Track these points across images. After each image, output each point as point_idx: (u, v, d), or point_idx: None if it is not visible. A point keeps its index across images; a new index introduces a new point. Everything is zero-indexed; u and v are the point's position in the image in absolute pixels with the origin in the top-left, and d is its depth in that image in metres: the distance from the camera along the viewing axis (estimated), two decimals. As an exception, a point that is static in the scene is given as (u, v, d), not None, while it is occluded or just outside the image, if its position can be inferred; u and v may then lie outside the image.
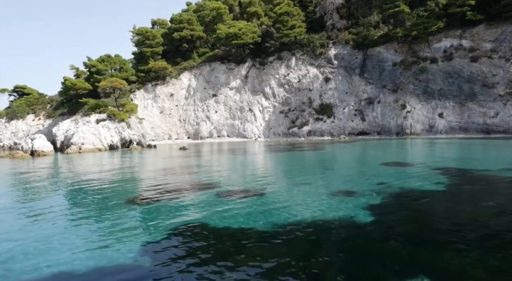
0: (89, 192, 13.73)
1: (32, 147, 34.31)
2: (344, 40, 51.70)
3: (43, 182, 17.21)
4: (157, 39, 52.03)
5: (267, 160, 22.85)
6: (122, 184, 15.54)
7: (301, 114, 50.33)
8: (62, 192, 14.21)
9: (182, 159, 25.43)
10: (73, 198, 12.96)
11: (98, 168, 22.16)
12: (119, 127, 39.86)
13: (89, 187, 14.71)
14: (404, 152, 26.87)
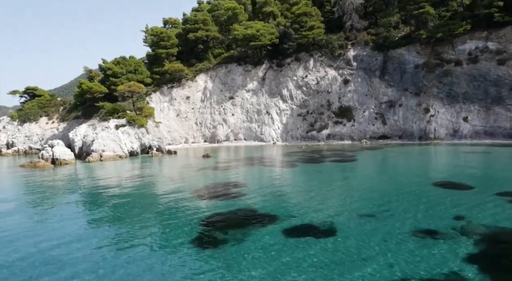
0: (152, 226, 12.93)
1: (53, 155, 33.56)
2: (363, 41, 50.56)
3: (90, 206, 16.41)
4: (172, 40, 50.95)
5: (305, 177, 21.96)
6: (168, 217, 14.73)
7: (319, 117, 49.40)
8: (126, 221, 13.40)
9: (211, 173, 24.59)
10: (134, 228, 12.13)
11: (129, 185, 21.33)
12: (139, 133, 39.04)
13: (147, 224, 13.91)
14: (446, 163, 25.98)
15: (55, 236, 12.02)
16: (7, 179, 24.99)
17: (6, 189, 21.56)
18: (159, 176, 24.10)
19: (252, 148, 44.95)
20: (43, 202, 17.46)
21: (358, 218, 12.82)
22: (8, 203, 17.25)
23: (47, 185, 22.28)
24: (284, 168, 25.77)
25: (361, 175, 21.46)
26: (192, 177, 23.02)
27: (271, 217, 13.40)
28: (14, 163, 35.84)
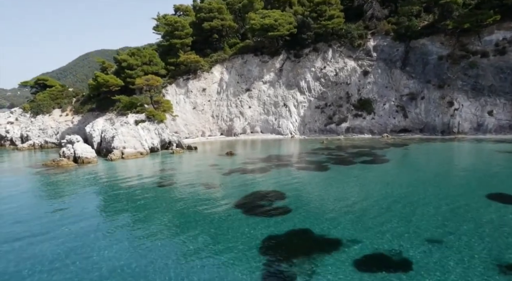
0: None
1: (75, 153, 32.95)
2: (383, 30, 48.97)
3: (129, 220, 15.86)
4: (186, 30, 49.38)
5: (345, 185, 21.23)
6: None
7: (338, 109, 48.40)
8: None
9: (243, 178, 23.91)
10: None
11: (165, 195, 20.77)
12: (159, 129, 38.29)
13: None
14: (487, 165, 25.23)
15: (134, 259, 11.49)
16: (42, 184, 24.32)
17: (50, 198, 20.96)
18: (191, 182, 23.39)
19: (270, 142, 44.26)
20: (94, 214, 16.92)
21: (426, 245, 12.24)
22: (66, 212, 16.73)
23: (84, 193, 21.73)
24: (317, 171, 25.11)
25: (403, 183, 20.77)
26: (226, 184, 22.36)
27: (332, 242, 12.84)
28: (34, 160, 35.27)
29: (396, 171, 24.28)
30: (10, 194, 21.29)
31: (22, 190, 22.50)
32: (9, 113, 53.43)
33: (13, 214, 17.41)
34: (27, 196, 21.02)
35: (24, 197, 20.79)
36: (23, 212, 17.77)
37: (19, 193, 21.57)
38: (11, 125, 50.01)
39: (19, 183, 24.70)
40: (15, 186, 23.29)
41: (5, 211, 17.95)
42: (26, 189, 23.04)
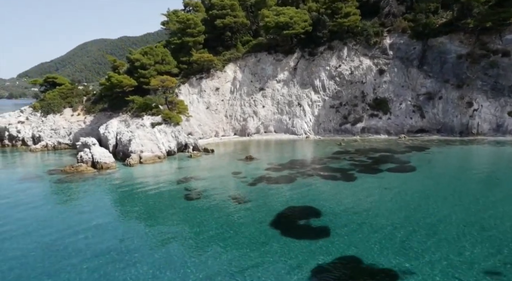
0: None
1: (93, 157, 32.50)
2: (400, 28, 48.00)
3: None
4: (199, 27, 48.39)
5: (378, 199, 20.68)
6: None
7: (353, 109, 47.73)
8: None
9: (271, 189, 23.48)
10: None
11: (192, 214, 20.37)
12: (175, 131, 37.76)
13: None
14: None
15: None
16: (68, 195, 23.85)
17: (80, 212, 20.46)
18: (219, 194, 22.85)
19: (286, 143, 43.78)
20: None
21: (484, 278, 11.80)
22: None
23: (114, 207, 21.34)
24: (345, 181, 24.65)
25: (439, 198, 20.30)
26: (255, 197, 21.84)
27: (384, 274, 12.40)
28: (51, 164, 34.78)
29: (427, 182, 23.77)
30: (38, 210, 20.80)
31: (49, 204, 22.04)
32: (19, 112, 52.76)
33: (47, 236, 17.05)
34: (57, 210, 20.60)
35: (54, 212, 20.36)
36: (54, 231, 17.39)
37: (48, 208, 21.15)
38: (22, 125, 49.41)
39: (44, 194, 24.24)
40: (42, 200, 22.72)
41: (37, 231, 17.57)
42: (53, 201, 22.65)
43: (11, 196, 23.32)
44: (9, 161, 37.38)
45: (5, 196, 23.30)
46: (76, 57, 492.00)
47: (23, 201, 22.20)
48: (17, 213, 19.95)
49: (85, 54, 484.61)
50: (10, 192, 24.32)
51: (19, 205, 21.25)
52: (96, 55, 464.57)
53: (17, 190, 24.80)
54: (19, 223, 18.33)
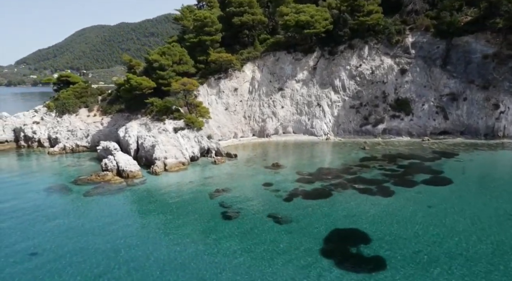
0: None
1: (118, 165, 32.00)
2: (423, 26, 46.76)
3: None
4: (216, 26, 47.16)
5: (428, 222, 19.82)
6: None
7: (374, 109, 46.89)
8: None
9: (310, 205, 22.98)
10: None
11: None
12: (198, 136, 37.16)
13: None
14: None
15: None
16: (103, 211, 23.33)
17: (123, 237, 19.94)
18: (255, 212, 22.24)
19: (307, 144, 43.23)
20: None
21: None
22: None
23: (153, 227, 20.89)
24: (382, 196, 24.16)
25: (492, 221, 19.67)
26: (294, 216, 21.33)
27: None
28: (73, 171, 34.30)
29: (469, 199, 23.04)
30: (74, 232, 20.34)
31: (84, 225, 21.51)
32: (34, 112, 52.11)
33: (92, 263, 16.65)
34: (95, 235, 20.16)
35: (93, 238, 19.92)
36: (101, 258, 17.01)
37: (84, 230, 20.71)
38: (37, 125, 48.83)
39: (76, 211, 23.67)
40: (76, 219, 22.22)
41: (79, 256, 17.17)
42: (88, 219, 22.18)
43: (42, 214, 22.70)
44: (30, 166, 36.89)
45: (36, 214, 22.71)
46: (74, 44, 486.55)
47: (57, 221, 21.71)
48: (54, 238, 19.42)
49: (83, 41, 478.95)
50: (41, 208, 23.79)
51: (54, 228, 20.63)
52: (95, 42, 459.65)
53: (48, 206, 24.24)
54: (59, 251, 17.87)
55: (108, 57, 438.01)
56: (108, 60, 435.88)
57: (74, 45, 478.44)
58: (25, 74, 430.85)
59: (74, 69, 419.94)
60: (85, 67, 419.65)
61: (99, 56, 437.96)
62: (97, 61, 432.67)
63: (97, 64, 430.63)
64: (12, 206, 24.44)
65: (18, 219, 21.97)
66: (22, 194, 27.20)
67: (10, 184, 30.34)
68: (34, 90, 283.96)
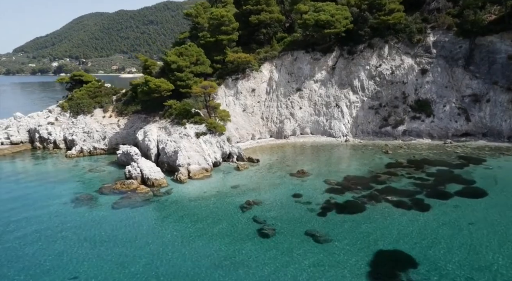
0: None
1: (142, 173, 31.64)
2: (445, 25, 45.64)
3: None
4: (233, 24, 46.14)
5: (477, 244, 18.85)
6: None
7: (393, 110, 46.16)
8: None
9: (344, 221, 22.64)
10: None
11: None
12: (220, 141, 36.67)
13: None
14: None
15: None
16: (134, 227, 23.02)
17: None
18: (291, 229, 22.09)
19: (327, 147, 42.72)
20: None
21: None
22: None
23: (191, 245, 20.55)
24: (419, 210, 23.77)
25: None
26: (336, 234, 21.06)
27: None
28: (95, 177, 33.96)
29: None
30: (110, 253, 20.09)
31: (118, 240, 21.32)
32: (48, 112, 51.63)
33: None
34: (132, 258, 19.89)
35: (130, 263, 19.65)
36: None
37: (122, 249, 20.44)
38: (52, 126, 48.43)
39: (107, 225, 23.44)
40: (109, 236, 21.99)
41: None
42: (121, 236, 21.91)
43: (73, 231, 22.34)
44: (50, 172, 36.54)
45: (67, 232, 22.34)
46: (73, 32, 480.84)
47: (90, 239, 21.42)
48: (90, 259, 19.19)
49: (81, 29, 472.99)
50: (71, 224, 23.47)
51: (89, 248, 20.39)
52: (93, 30, 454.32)
53: (78, 222, 23.86)
54: (100, 276, 17.62)
55: (107, 46, 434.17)
56: (107, 48, 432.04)
57: (72, 33, 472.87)
58: (24, 63, 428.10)
59: (73, 57, 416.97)
60: (84, 56, 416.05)
61: (98, 45, 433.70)
62: (95, 49, 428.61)
63: (96, 53, 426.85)
64: (40, 221, 24.07)
65: (49, 238, 21.59)
66: (48, 206, 26.84)
67: (33, 194, 30.00)
68: (33, 80, 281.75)
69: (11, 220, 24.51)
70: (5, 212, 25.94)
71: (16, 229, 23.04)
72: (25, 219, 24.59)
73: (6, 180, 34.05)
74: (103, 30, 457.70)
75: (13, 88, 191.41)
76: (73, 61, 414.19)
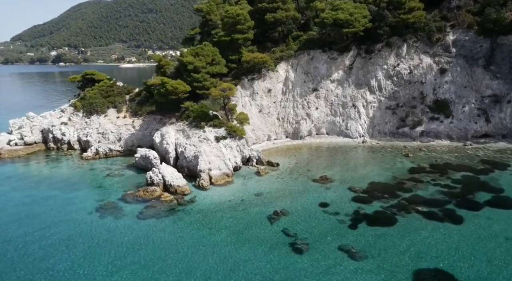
0: None
1: (164, 179, 31.34)
2: (466, 23, 44.69)
3: None
4: (248, 23, 45.20)
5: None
6: None
7: (411, 111, 45.59)
8: None
9: (380, 237, 22.34)
10: None
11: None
12: (240, 146, 36.28)
13: None
14: None
15: None
16: (164, 242, 22.88)
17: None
18: (323, 241, 21.87)
19: (344, 148, 42.39)
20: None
21: None
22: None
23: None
24: (452, 223, 23.48)
25: None
26: (370, 249, 20.80)
27: None
28: (115, 182, 33.70)
29: None
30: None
31: (149, 255, 21.11)
32: (60, 112, 51.15)
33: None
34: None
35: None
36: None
37: (157, 267, 20.22)
38: (66, 127, 48.01)
39: (136, 238, 23.17)
40: (140, 251, 21.78)
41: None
42: (151, 249, 21.70)
43: (104, 249, 21.87)
44: (67, 176, 36.05)
45: (96, 248, 21.98)
46: (71, 20, 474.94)
47: (122, 257, 21.17)
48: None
49: (79, 17, 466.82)
50: (99, 239, 23.07)
51: (121, 268, 20.08)
52: (91, 18, 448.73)
53: (106, 237, 23.34)
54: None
55: (105, 34, 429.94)
56: (106, 37, 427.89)
57: (70, 22, 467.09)
58: (22, 52, 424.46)
59: (71, 46, 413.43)
60: (83, 45, 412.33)
61: (97, 33, 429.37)
62: (94, 38, 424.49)
63: (95, 42, 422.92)
64: (66, 236, 23.44)
65: (79, 254, 21.23)
66: (72, 217, 26.33)
67: (54, 201, 29.56)
68: (32, 70, 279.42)
69: (36, 227, 24.42)
70: (30, 219, 25.81)
71: (41, 238, 22.87)
72: (50, 228, 24.39)
73: (26, 184, 33.75)
74: (102, 19, 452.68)
75: (11, 78, 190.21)
76: (71, 50, 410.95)
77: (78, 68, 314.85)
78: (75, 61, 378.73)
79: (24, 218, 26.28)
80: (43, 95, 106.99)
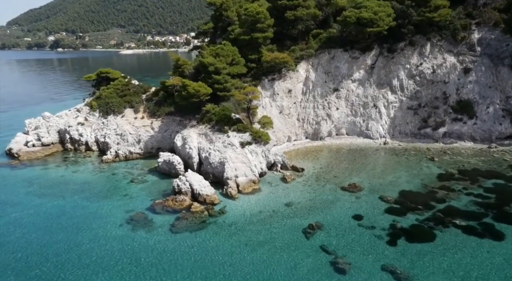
0: None
1: (192, 188, 31.01)
2: (492, 21, 43.55)
3: None
4: (268, 21, 44.09)
5: None
6: None
7: (433, 111, 44.90)
8: None
9: (423, 257, 22.10)
10: None
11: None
12: (265, 151, 35.83)
13: None
14: None
15: None
16: (205, 262, 22.66)
17: None
18: (365, 262, 21.60)
19: (365, 151, 41.96)
20: None
21: None
22: None
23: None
24: (494, 240, 23.24)
25: None
26: (415, 272, 20.57)
27: None
28: (140, 189, 33.42)
29: None
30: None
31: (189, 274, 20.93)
32: (76, 112, 50.53)
33: None
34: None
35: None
36: None
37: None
38: (83, 127, 47.48)
39: (173, 255, 22.94)
40: (178, 270, 21.60)
41: None
42: (190, 269, 21.55)
43: (139, 268, 21.79)
44: (90, 182, 35.61)
45: (131, 267, 21.81)
46: (68, 4, 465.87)
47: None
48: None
49: (76, 1, 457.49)
50: (132, 257, 22.82)
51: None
52: (89, 2, 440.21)
53: (140, 256, 23.24)
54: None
55: (103, 19, 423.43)
56: (104, 22, 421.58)
57: (67, 6, 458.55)
58: (19, 36, 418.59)
59: (69, 31, 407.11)
60: (81, 30, 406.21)
61: (95, 18, 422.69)
62: (92, 23, 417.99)
63: (93, 27, 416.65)
64: (97, 253, 23.22)
65: (115, 275, 21.11)
66: (101, 230, 26.17)
67: (80, 212, 29.22)
68: (30, 56, 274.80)
69: (71, 244, 24.19)
70: (60, 233, 25.57)
71: (80, 256, 22.72)
72: (83, 244, 24.22)
73: (50, 192, 33.34)
74: (99, 2, 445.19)
75: (8, 65, 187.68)
76: (69, 35, 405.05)
77: (77, 54, 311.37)
78: (73, 46, 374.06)
79: (54, 232, 26.01)
80: (50, 83, 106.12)
